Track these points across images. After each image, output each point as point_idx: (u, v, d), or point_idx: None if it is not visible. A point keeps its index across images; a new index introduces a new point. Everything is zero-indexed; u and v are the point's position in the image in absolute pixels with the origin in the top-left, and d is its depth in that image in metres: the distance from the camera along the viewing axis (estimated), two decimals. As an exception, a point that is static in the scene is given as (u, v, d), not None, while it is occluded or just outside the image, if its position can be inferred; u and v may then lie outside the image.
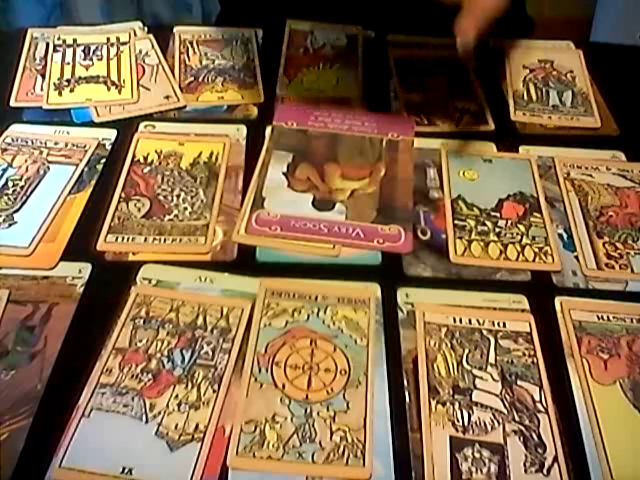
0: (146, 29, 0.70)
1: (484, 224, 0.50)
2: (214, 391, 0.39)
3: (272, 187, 0.52)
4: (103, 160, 0.55)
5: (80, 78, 0.63)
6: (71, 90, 0.62)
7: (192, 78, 0.64)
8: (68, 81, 0.62)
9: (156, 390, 0.39)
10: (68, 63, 0.64)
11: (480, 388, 0.40)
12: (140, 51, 0.67)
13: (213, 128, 0.59)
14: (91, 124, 0.59)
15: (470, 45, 0.48)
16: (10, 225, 0.49)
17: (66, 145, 0.56)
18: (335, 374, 0.40)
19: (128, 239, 0.48)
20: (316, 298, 0.44)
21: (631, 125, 0.61)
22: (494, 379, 0.40)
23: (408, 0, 0.70)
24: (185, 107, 0.61)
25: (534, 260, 0.48)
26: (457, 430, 0.38)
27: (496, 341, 0.42)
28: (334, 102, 0.62)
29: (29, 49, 0.67)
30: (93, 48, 0.66)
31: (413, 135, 0.58)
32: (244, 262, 0.47)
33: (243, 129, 0.58)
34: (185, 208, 0.50)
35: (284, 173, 0.54)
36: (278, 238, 0.48)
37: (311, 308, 0.44)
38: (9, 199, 0.51)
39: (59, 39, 0.67)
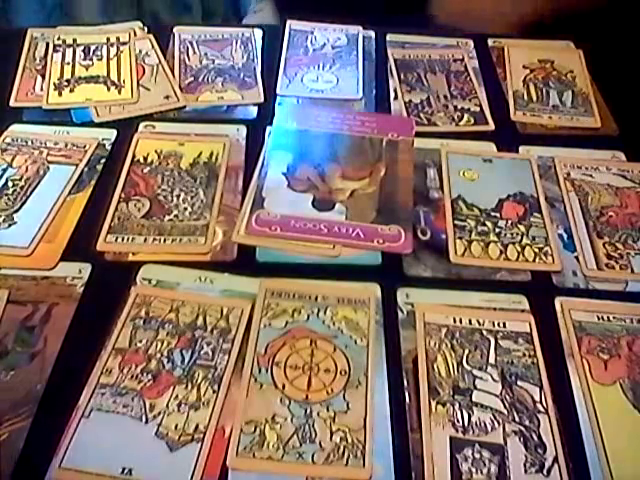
0: (146, 29, 0.70)
1: (484, 224, 0.50)
2: (214, 391, 0.39)
3: (272, 187, 0.52)
4: (103, 160, 0.55)
5: (80, 78, 0.63)
6: (71, 90, 0.61)
7: (192, 78, 0.64)
8: (68, 81, 0.62)
9: (156, 390, 0.39)
10: (68, 63, 0.64)
11: (480, 388, 0.40)
12: (140, 51, 0.67)
13: (213, 128, 0.58)
14: (91, 124, 0.58)
15: None
16: (10, 225, 0.49)
17: (66, 145, 0.56)
18: (335, 374, 0.40)
19: (128, 239, 0.48)
20: (316, 298, 0.44)
21: (631, 125, 0.61)
22: (494, 379, 0.40)
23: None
24: (185, 107, 0.61)
25: (534, 260, 0.48)
26: (457, 430, 0.38)
27: (496, 341, 0.42)
28: (334, 102, 0.62)
29: (29, 49, 0.67)
30: (93, 48, 0.66)
31: (413, 135, 0.58)
32: (244, 262, 0.47)
33: (243, 129, 0.58)
34: (185, 208, 0.50)
35: (284, 173, 0.54)
36: (278, 238, 0.48)
37: (311, 308, 0.44)
38: (9, 199, 0.51)
39: (59, 39, 0.67)
